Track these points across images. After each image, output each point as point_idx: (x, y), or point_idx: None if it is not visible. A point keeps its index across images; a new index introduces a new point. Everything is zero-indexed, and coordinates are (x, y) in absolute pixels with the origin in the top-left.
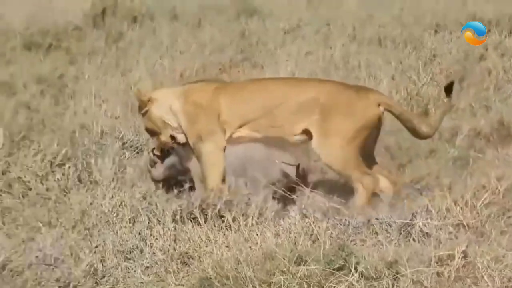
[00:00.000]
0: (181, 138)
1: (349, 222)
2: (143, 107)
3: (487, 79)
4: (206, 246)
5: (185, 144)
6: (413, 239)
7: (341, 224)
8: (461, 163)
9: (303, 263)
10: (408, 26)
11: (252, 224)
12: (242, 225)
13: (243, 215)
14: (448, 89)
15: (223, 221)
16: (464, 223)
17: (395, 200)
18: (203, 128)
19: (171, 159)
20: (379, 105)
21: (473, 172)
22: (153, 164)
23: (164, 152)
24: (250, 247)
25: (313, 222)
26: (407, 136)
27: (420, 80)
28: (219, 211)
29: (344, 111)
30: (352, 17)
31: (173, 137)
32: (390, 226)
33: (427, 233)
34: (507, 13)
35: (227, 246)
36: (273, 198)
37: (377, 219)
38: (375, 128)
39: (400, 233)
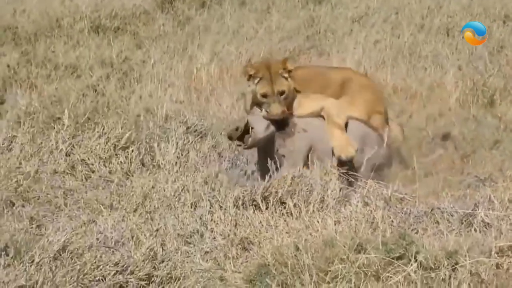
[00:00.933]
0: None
1: (410, 210)
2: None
3: None
4: (267, 232)
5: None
6: (475, 230)
7: (402, 213)
8: None
9: (363, 251)
10: (477, 16)
11: (313, 211)
12: (303, 212)
13: (304, 202)
14: None
15: (284, 208)
16: None
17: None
18: None
19: (270, 128)
20: None
21: None
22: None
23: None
24: (310, 234)
25: (374, 210)
26: (471, 126)
27: (487, 71)
28: (280, 197)
29: None
30: (420, 6)
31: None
32: (452, 215)
33: (488, 223)
34: None
35: (287, 233)
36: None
37: (438, 208)
38: None
39: (462, 223)
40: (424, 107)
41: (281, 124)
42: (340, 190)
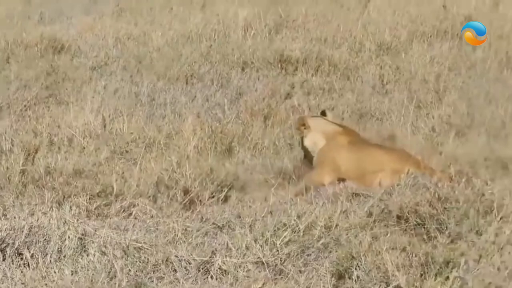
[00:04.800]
0: None
1: (148, 259)
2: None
3: (291, 117)
4: (3, 283)
5: None
6: (211, 277)
7: (140, 262)
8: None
9: None
10: (216, 63)
11: (50, 261)
12: (40, 263)
13: (41, 252)
14: None
15: (21, 259)
16: (264, 261)
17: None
18: None
19: None
20: None
21: (274, 210)
22: None
23: None
24: (46, 284)
25: (112, 259)
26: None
27: (225, 118)
28: (17, 248)
29: None
30: (161, 55)
31: None
32: (190, 263)
33: (225, 270)
34: (314, 51)
35: (23, 283)
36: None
37: (176, 256)
38: None
39: (199, 271)
40: (162, 155)
41: None
42: (78, 240)
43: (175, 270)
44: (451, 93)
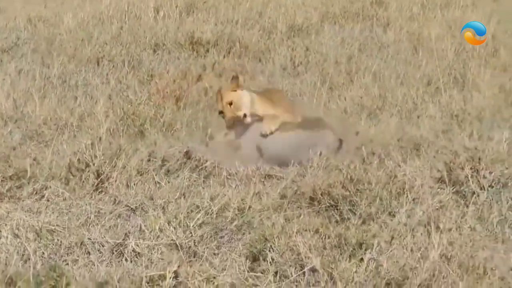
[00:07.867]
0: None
1: (61, 242)
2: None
3: (204, 99)
4: None
5: None
6: (126, 259)
7: (53, 244)
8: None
9: (13, 284)
10: (127, 45)
11: None
12: None
13: None
14: None
15: None
16: (177, 243)
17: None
18: None
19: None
20: None
21: (187, 192)
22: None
23: None
24: None
25: (25, 242)
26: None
27: (137, 100)
28: None
29: None
30: (72, 37)
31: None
32: (103, 246)
33: (139, 253)
34: (226, 33)
35: None
36: None
37: (89, 239)
38: None
39: (113, 253)
40: (75, 137)
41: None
42: None
43: (89, 252)
44: (363, 74)
